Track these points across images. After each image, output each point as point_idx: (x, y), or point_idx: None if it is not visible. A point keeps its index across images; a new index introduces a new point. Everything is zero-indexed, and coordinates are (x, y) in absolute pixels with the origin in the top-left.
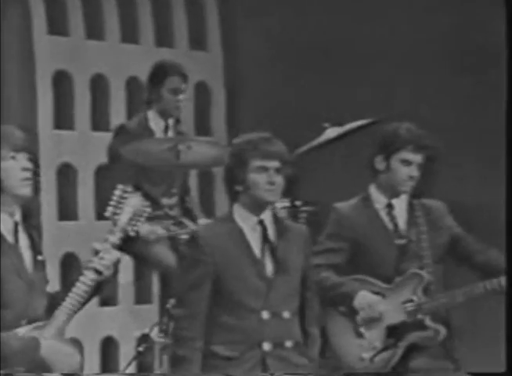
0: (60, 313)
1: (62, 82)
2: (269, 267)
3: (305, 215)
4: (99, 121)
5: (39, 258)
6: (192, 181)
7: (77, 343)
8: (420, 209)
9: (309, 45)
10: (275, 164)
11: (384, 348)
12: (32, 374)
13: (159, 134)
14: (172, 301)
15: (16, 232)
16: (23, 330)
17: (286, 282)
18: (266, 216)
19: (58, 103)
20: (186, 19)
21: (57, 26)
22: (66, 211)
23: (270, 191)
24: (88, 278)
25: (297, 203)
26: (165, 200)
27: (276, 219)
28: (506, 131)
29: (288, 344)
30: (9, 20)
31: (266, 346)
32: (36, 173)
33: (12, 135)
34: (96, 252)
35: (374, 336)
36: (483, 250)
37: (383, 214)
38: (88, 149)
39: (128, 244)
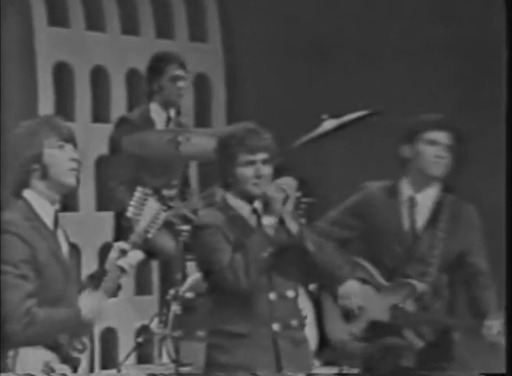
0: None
1: (62, 74)
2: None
3: (303, 206)
4: (99, 113)
5: (71, 250)
6: (192, 172)
7: None
8: (447, 211)
9: (308, 37)
10: (262, 156)
11: (360, 339)
12: None
13: (160, 125)
14: (172, 292)
15: (56, 219)
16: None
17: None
18: (258, 204)
19: (58, 94)
20: (186, 10)
21: (57, 17)
22: (67, 202)
23: (257, 184)
24: (114, 275)
25: (298, 194)
26: (165, 192)
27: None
28: (506, 131)
29: (294, 323)
30: (9, 12)
31: (276, 327)
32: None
33: (59, 125)
34: (123, 251)
35: (357, 324)
36: (483, 285)
37: (404, 208)
38: (88, 140)
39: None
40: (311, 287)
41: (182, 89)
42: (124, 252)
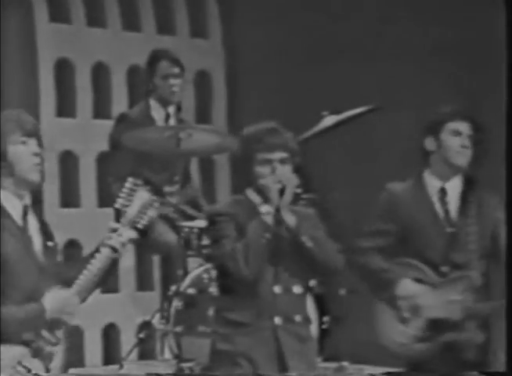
0: (72, 290)
1: (64, 70)
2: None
3: (305, 202)
4: (100, 109)
5: (49, 243)
6: (193, 168)
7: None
8: (473, 197)
9: (309, 34)
10: (279, 155)
11: (422, 339)
12: None
13: (160, 122)
14: (173, 288)
15: (25, 215)
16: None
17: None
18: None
19: (60, 90)
20: (187, 7)
21: (59, 14)
22: (68, 198)
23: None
24: (103, 255)
25: (298, 190)
26: (167, 188)
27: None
28: (506, 131)
29: (298, 318)
30: (10, 8)
31: (277, 320)
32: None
33: (23, 120)
34: (113, 230)
35: (415, 325)
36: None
37: (435, 199)
38: (89, 136)
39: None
40: (312, 283)
41: (174, 86)
42: (114, 232)
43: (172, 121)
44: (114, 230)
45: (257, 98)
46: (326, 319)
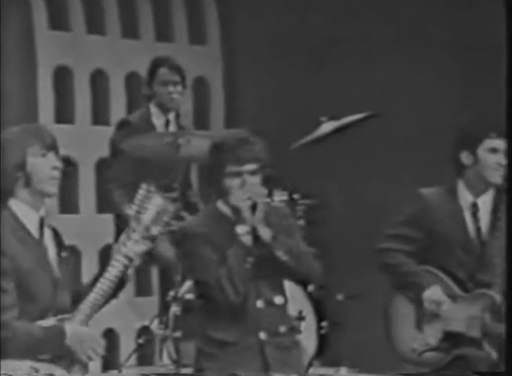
0: (85, 307)
1: (63, 77)
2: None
3: (303, 208)
4: (99, 115)
5: (64, 254)
6: (192, 175)
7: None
8: (503, 210)
9: (307, 39)
10: (250, 167)
11: (436, 349)
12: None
13: (160, 128)
14: (172, 293)
15: (41, 227)
16: (48, 322)
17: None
18: (233, 214)
19: (59, 97)
20: (186, 14)
21: (58, 21)
22: (68, 204)
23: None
24: (113, 272)
25: (295, 196)
26: (166, 195)
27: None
28: (507, 131)
29: (282, 329)
30: (10, 15)
31: (262, 335)
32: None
33: (44, 134)
34: (123, 243)
35: (431, 334)
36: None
37: (467, 214)
38: (88, 143)
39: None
40: (310, 288)
41: (173, 93)
42: (124, 245)
43: (172, 127)
44: (124, 243)
45: (256, 104)
46: (324, 324)
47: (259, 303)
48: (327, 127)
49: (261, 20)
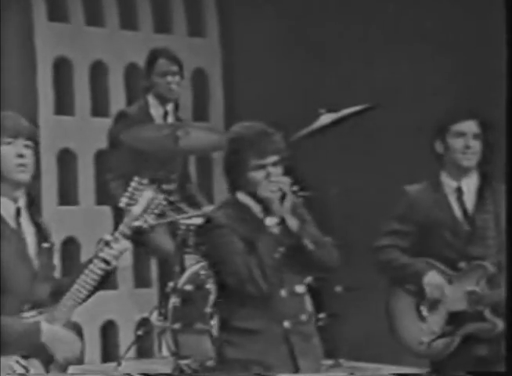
0: (66, 300)
1: (62, 68)
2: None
3: (301, 200)
4: (98, 107)
5: (45, 245)
6: (191, 167)
7: (77, 328)
8: (490, 193)
9: (306, 31)
10: (272, 159)
11: (443, 335)
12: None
13: (158, 119)
14: (171, 284)
15: (18, 217)
16: (27, 315)
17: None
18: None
19: (58, 88)
20: (184, 5)
21: (57, 13)
22: (67, 195)
23: (268, 186)
24: (96, 267)
25: (294, 188)
26: (164, 186)
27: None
28: (506, 131)
29: (303, 317)
30: (9, 7)
31: (287, 324)
32: (35, 159)
33: (11, 121)
34: (106, 242)
35: (435, 321)
36: None
37: (452, 199)
38: (87, 134)
39: (137, 234)
40: (308, 279)
41: (171, 84)
42: (107, 244)
43: (170, 119)
44: (107, 243)
45: (254, 96)
46: (322, 316)
47: (283, 292)
48: (326, 119)
49: (259, 12)
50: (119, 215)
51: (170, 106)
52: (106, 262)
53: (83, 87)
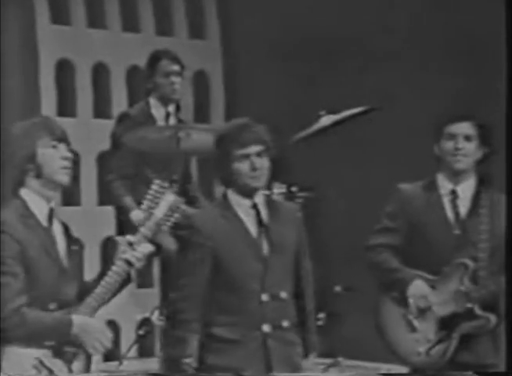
0: (90, 301)
1: (64, 70)
2: (265, 248)
3: (301, 200)
4: (100, 109)
5: (73, 247)
6: (192, 168)
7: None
8: (487, 198)
9: (306, 33)
10: (255, 148)
11: (439, 341)
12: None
13: (160, 121)
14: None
15: (50, 217)
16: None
17: (282, 262)
18: (259, 199)
19: (60, 90)
20: (185, 8)
21: (60, 15)
22: (69, 196)
23: (254, 177)
24: (120, 269)
25: (294, 189)
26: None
27: (269, 201)
28: (506, 130)
29: (285, 324)
30: (12, 9)
31: (266, 328)
32: (75, 163)
33: (53, 126)
34: (129, 243)
35: (427, 328)
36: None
37: (445, 201)
38: (90, 136)
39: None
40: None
41: (175, 84)
42: (130, 245)
43: (172, 120)
44: (130, 244)
45: (255, 97)
46: (321, 315)
47: (264, 296)
48: (326, 120)
49: (260, 14)
50: (122, 215)
51: (171, 108)
52: (129, 264)
53: (85, 89)
